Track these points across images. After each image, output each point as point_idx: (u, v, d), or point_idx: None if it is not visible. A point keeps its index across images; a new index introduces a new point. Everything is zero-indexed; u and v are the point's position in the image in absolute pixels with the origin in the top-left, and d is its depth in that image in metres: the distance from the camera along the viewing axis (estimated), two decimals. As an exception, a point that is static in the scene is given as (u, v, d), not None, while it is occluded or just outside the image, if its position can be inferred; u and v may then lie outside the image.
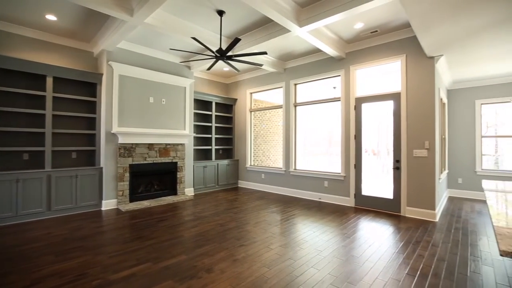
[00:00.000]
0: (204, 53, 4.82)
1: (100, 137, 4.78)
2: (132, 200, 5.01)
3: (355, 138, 4.93)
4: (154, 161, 5.29)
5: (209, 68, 4.32)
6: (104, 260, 2.67)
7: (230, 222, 3.94)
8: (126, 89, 4.88)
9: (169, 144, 5.52)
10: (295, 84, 6.02)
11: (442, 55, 4.05)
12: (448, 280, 2.32)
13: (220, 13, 3.81)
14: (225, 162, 6.86)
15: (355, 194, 4.92)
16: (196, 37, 4.18)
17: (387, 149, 4.62)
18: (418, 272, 2.45)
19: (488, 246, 3.07)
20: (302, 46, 5.09)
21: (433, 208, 4.07)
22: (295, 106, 6.01)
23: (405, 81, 4.35)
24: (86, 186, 4.51)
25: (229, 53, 4.89)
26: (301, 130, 6.23)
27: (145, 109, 5.15)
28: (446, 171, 5.74)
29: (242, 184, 7.13)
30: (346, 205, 4.98)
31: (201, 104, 6.77)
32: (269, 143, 8.21)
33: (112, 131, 4.66)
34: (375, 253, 2.87)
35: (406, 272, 2.47)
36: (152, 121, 5.26)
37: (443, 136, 5.28)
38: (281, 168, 6.19)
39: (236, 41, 3.35)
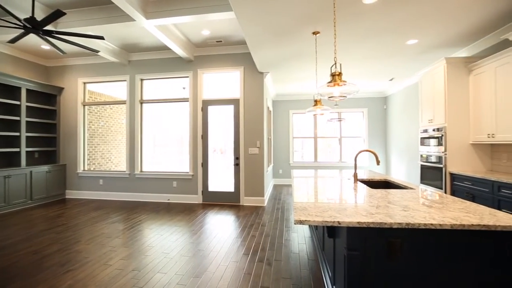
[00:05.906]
0: (3, 18, 3.47)
1: None
2: None
3: (202, 138, 5.22)
4: None
5: (12, 41, 3.17)
6: None
7: (50, 246, 3.08)
8: None
9: None
10: (142, 80, 5.56)
11: (268, 72, 5.07)
12: (271, 251, 2.94)
13: (32, -28, 2.89)
14: (44, 168, 5.27)
15: (202, 191, 5.21)
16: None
17: (231, 148, 5.22)
18: (251, 250, 2.95)
19: (295, 219, 4.17)
20: (150, 40, 4.79)
21: (263, 195, 5.02)
22: (142, 103, 5.56)
23: (243, 90, 5.08)
24: None
25: (49, 28, 3.83)
26: (149, 129, 5.85)
27: None
28: (272, 164, 7.25)
29: (72, 194, 5.76)
30: (194, 203, 5.17)
31: (3, 90, 4.84)
32: (110, 144, 7.11)
33: None
34: (218, 243, 3.17)
35: (242, 252, 2.90)
36: None
37: (269, 137, 6.62)
38: (124, 171, 5.53)
39: (57, 13, 2.67)
